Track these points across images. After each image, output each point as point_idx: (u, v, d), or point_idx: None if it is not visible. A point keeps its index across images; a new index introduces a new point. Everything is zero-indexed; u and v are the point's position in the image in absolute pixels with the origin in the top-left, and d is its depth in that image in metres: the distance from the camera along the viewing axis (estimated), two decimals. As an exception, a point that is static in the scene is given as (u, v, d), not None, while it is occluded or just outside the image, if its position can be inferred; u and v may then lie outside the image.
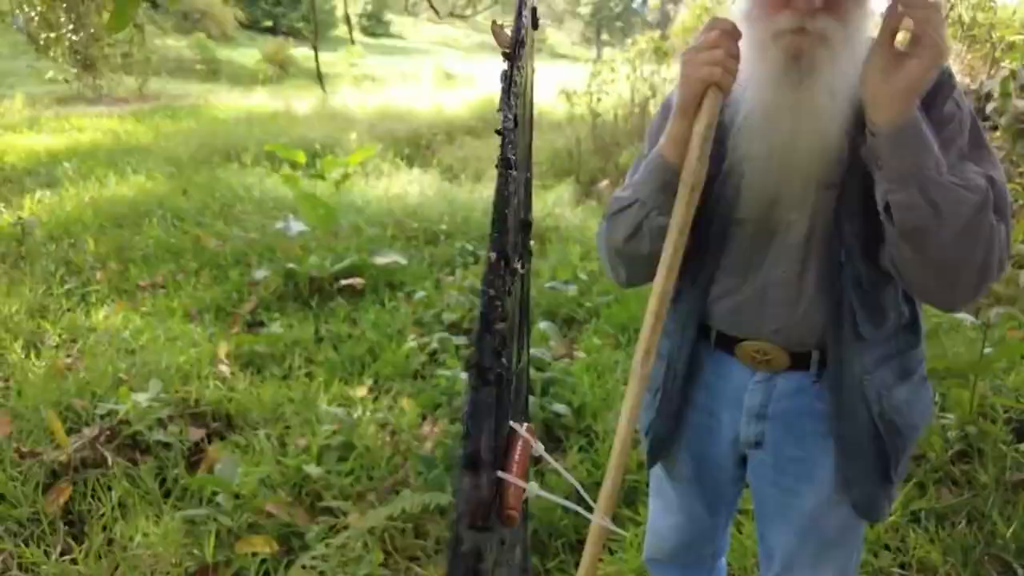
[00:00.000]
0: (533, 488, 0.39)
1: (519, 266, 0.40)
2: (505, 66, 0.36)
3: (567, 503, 0.46)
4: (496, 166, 0.32)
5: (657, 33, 7.47)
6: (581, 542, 1.81)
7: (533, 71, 0.52)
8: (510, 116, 0.34)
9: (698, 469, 1.12)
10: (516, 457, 0.40)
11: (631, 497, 1.98)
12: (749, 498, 1.86)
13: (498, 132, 0.33)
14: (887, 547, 1.73)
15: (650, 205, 0.89)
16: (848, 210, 0.88)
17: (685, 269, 0.87)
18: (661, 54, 6.67)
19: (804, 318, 0.94)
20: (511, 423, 0.41)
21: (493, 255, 0.33)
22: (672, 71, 6.75)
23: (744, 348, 0.98)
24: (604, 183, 5.77)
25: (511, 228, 0.36)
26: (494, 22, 0.41)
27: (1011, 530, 1.73)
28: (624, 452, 0.80)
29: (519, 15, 0.38)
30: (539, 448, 0.41)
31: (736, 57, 0.81)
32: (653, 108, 6.71)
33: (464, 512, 0.30)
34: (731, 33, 0.81)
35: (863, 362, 0.92)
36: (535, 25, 0.51)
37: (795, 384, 0.97)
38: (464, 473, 0.30)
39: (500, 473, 0.38)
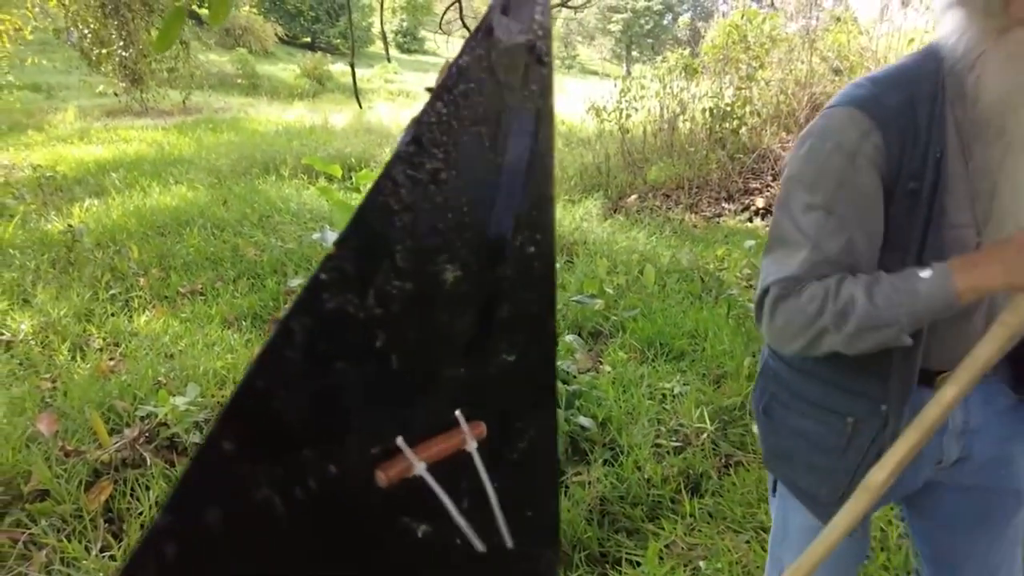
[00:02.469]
0: (420, 468, 0.41)
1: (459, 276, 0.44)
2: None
3: (451, 508, 0.47)
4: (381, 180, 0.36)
5: (687, 50, 7.47)
6: (604, 555, 1.82)
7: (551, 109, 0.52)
8: (407, 139, 0.38)
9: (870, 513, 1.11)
10: (437, 441, 0.42)
11: (654, 512, 1.98)
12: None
13: (397, 156, 0.37)
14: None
15: (907, 330, 0.87)
16: None
17: None
18: (691, 71, 6.66)
19: None
20: (456, 413, 0.43)
21: (325, 276, 0.34)
22: (701, 88, 6.70)
23: (944, 378, 0.95)
24: (632, 197, 5.77)
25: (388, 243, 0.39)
26: (447, 61, 0.44)
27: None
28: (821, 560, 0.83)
29: (462, 53, 0.41)
30: (471, 445, 0.44)
31: None
32: (682, 124, 6.65)
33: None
34: None
35: None
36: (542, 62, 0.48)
37: (984, 395, 1.00)
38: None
39: (399, 440, 0.40)
